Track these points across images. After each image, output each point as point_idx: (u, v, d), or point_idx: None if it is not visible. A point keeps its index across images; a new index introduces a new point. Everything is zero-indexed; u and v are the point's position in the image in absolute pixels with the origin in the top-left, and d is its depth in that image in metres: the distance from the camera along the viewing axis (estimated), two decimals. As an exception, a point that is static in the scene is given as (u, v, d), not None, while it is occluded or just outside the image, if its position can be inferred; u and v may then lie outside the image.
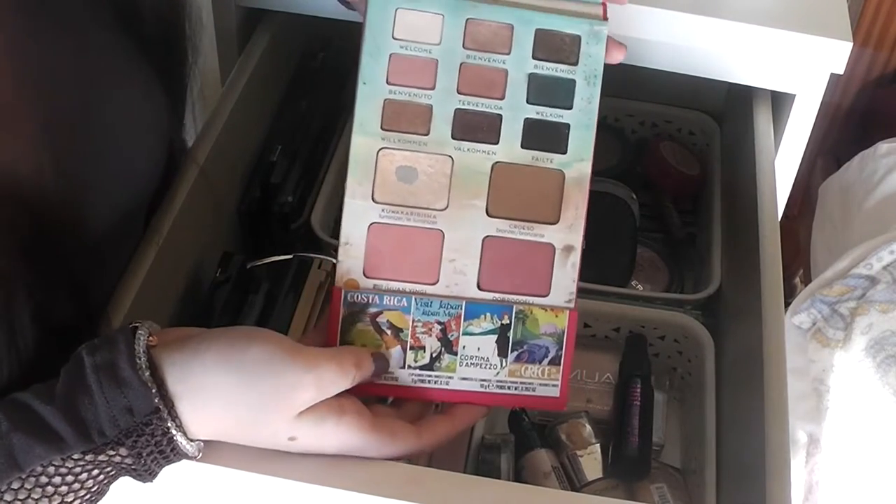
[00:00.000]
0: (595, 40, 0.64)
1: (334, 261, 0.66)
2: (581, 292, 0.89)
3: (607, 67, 0.64)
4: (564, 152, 0.63)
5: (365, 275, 0.61)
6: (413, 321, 0.62)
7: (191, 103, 0.76)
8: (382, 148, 0.62)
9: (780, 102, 0.91)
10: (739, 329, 0.78)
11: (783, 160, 0.93)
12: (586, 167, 0.63)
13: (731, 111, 1.06)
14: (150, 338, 0.54)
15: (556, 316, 0.63)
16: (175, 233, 0.71)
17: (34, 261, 0.53)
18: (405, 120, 0.62)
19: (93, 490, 0.53)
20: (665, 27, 0.86)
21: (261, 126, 0.93)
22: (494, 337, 0.62)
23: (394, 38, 0.62)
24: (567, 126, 0.63)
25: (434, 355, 0.62)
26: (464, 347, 0.62)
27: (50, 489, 0.51)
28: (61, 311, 0.57)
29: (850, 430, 1.21)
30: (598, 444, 0.82)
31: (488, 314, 0.63)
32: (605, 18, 0.64)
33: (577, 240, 0.63)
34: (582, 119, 0.64)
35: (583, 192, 0.63)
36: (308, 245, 0.87)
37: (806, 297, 1.31)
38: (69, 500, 0.52)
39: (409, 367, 0.62)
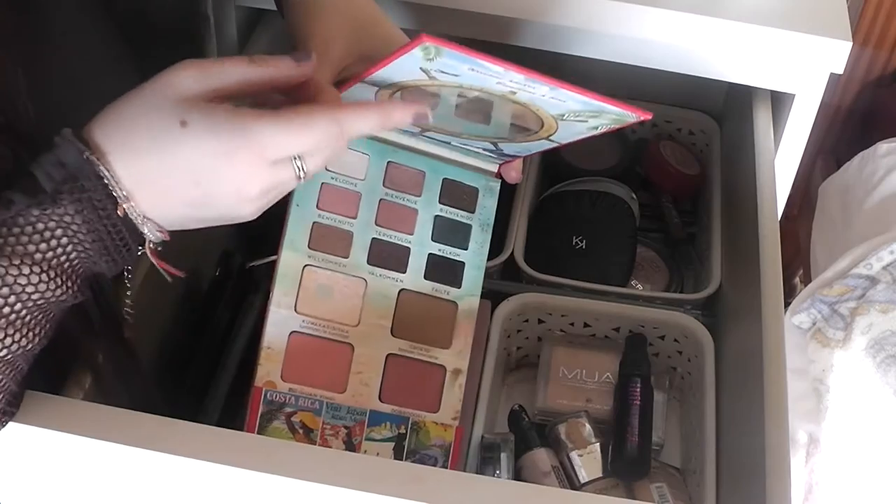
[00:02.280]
0: (489, 194, 0.76)
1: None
2: (581, 292, 0.90)
3: (606, 66, 0.65)
4: (459, 286, 0.74)
5: (282, 378, 0.69)
6: (323, 423, 0.69)
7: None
8: (308, 265, 0.71)
9: (779, 102, 0.91)
10: (739, 329, 0.79)
11: (783, 160, 0.93)
12: (475, 301, 0.75)
13: (731, 111, 1.06)
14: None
15: (445, 430, 0.72)
16: (174, 232, 0.71)
17: None
18: (329, 242, 0.72)
19: (56, 272, 0.53)
20: (665, 27, 0.86)
21: (261, 126, 0.93)
22: (392, 444, 0.70)
23: (327, 169, 0.72)
24: (463, 264, 0.75)
25: None
26: (365, 452, 0.69)
27: (37, 237, 0.52)
28: None
29: (850, 430, 1.21)
30: (598, 444, 0.82)
31: (388, 423, 0.70)
32: (498, 177, 0.75)
33: (464, 364, 0.73)
34: (475, 259, 0.75)
35: (471, 323, 0.74)
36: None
37: (806, 297, 1.31)
38: (34, 280, 0.53)
39: None
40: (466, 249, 0.75)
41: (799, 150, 0.93)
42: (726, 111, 1.09)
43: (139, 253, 0.57)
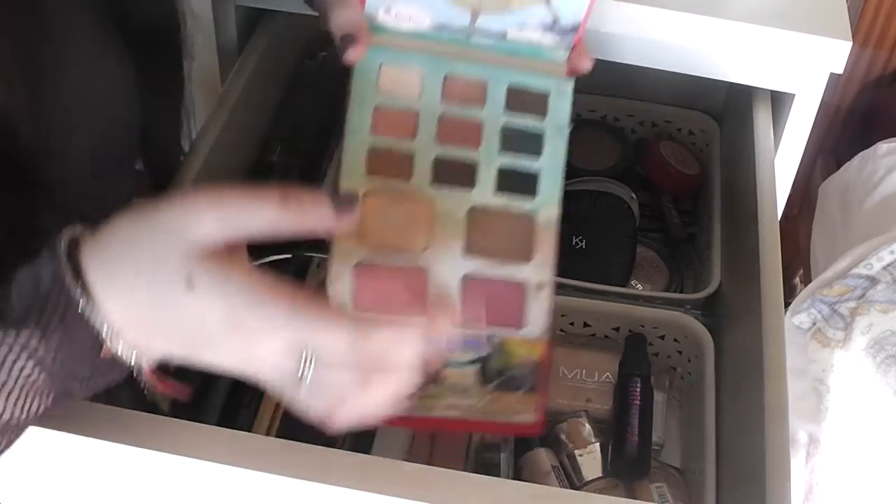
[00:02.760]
0: (562, 96, 0.69)
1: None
2: (581, 292, 0.90)
3: (606, 66, 0.65)
4: (534, 197, 0.68)
5: (354, 310, 0.64)
6: None
7: (190, 103, 0.77)
8: (367, 192, 0.66)
9: (779, 102, 0.91)
10: (739, 329, 0.79)
11: (783, 160, 0.93)
12: (554, 210, 0.68)
13: (731, 111, 1.06)
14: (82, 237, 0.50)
15: (532, 347, 0.66)
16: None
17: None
18: (388, 166, 0.66)
19: (17, 397, 0.49)
20: (665, 27, 0.86)
21: (261, 126, 0.93)
22: (476, 367, 0.65)
23: (378, 91, 0.67)
24: (537, 173, 0.68)
25: (419, 384, 0.61)
26: (448, 377, 0.65)
27: None
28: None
29: (850, 430, 1.21)
30: (598, 444, 0.82)
31: (469, 346, 0.65)
32: (569, 76, 0.69)
33: (548, 276, 0.67)
34: (550, 167, 0.68)
35: (551, 234, 0.67)
36: (308, 245, 0.87)
37: (806, 297, 1.31)
38: None
39: None
40: (540, 156, 0.68)
41: (799, 150, 0.93)
42: (726, 111, 1.09)
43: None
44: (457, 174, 0.67)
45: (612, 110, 1.13)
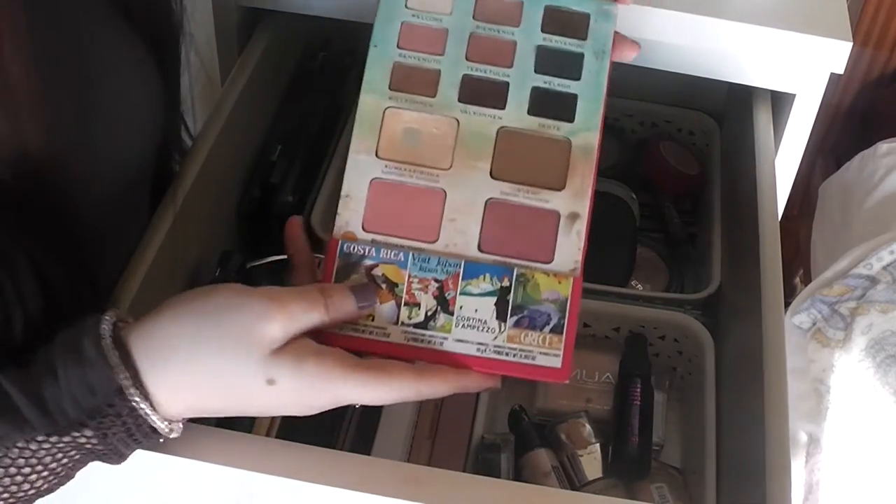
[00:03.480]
0: (604, 18, 0.65)
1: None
2: (581, 292, 0.89)
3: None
4: (571, 121, 0.63)
5: (363, 228, 0.61)
6: (409, 276, 0.60)
7: (191, 103, 0.77)
8: (389, 107, 0.63)
9: (780, 102, 0.91)
10: (739, 329, 0.78)
11: (783, 160, 0.93)
12: (593, 137, 0.63)
13: (731, 111, 1.06)
14: (121, 321, 0.53)
15: (560, 282, 0.61)
16: (174, 232, 0.71)
17: (33, 233, 0.54)
18: (413, 82, 0.63)
19: (59, 473, 0.52)
20: (665, 27, 0.86)
21: (261, 126, 0.93)
22: (493, 299, 0.60)
23: (406, 7, 0.64)
24: (575, 96, 0.64)
25: (429, 313, 0.59)
26: (461, 308, 0.60)
27: (13, 470, 0.50)
28: (61, 288, 0.56)
29: (850, 430, 1.21)
30: (598, 444, 0.82)
31: (488, 275, 0.61)
32: (616, 1, 0.65)
33: (584, 208, 0.62)
34: (590, 91, 0.64)
35: (590, 162, 0.63)
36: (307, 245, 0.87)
37: (806, 297, 1.31)
38: (32, 479, 0.51)
39: (403, 323, 0.59)
40: (579, 80, 0.64)
41: (799, 150, 0.93)
42: (726, 111, 1.09)
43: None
44: (486, 94, 0.63)
45: (612, 110, 1.13)
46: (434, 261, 0.60)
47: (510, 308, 0.60)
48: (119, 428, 0.51)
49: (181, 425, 0.54)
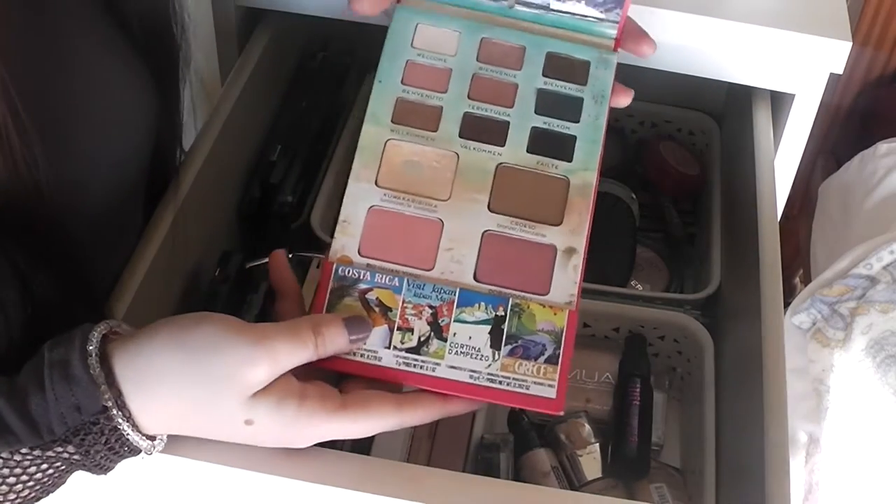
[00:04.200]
0: (604, 66, 0.67)
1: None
2: (581, 292, 0.89)
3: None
4: (570, 160, 0.64)
5: (360, 253, 0.61)
6: (403, 301, 0.60)
7: (191, 103, 0.77)
8: (391, 139, 0.63)
9: (779, 102, 0.91)
10: (739, 329, 0.78)
11: (783, 160, 0.93)
12: (591, 177, 0.64)
13: (731, 111, 1.06)
14: (112, 333, 0.53)
15: (555, 314, 0.61)
16: (174, 232, 0.71)
17: (17, 241, 0.54)
18: (415, 117, 0.64)
19: (44, 483, 0.52)
20: (665, 27, 0.86)
21: (261, 126, 0.93)
22: (488, 328, 0.60)
23: (412, 46, 0.66)
24: (574, 137, 0.65)
25: (422, 339, 0.59)
26: (454, 334, 0.59)
27: None
28: (49, 295, 0.56)
29: (850, 430, 1.21)
30: (598, 444, 0.82)
31: (483, 303, 0.60)
32: (616, 51, 0.67)
33: (581, 244, 0.62)
34: (589, 133, 0.65)
35: (587, 201, 0.63)
36: (307, 245, 0.87)
37: (806, 297, 1.31)
38: (17, 489, 0.51)
39: (395, 347, 0.59)
40: (578, 122, 0.65)
41: (799, 150, 0.93)
42: (726, 111, 1.09)
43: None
44: (487, 131, 0.64)
45: (612, 110, 1.13)
46: (429, 287, 0.60)
47: (504, 337, 0.60)
48: (101, 445, 0.52)
49: (163, 442, 0.54)
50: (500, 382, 0.59)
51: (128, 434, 0.52)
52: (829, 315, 1.27)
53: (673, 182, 1.08)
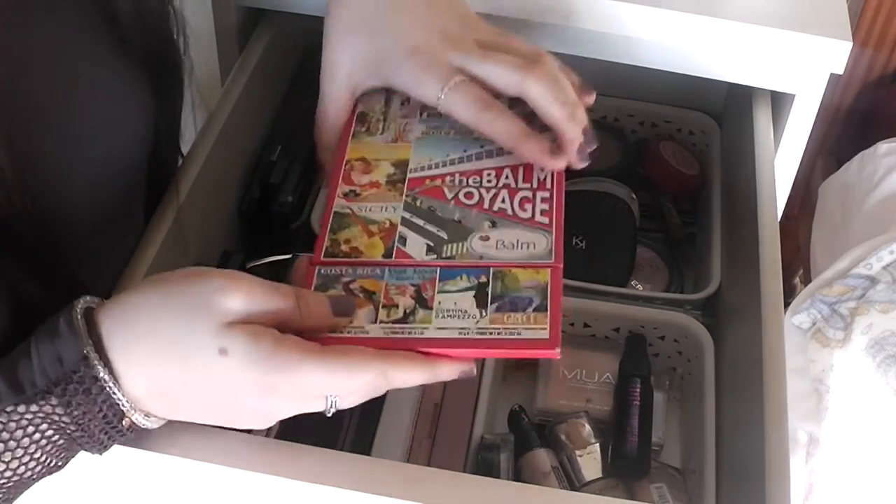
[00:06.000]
0: None
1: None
2: (581, 292, 0.89)
3: (607, 66, 0.65)
4: None
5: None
6: (386, 285, 0.60)
7: (191, 103, 0.77)
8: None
9: (779, 102, 0.91)
10: (739, 329, 0.79)
11: (783, 160, 0.93)
12: None
13: (731, 111, 1.06)
14: (98, 302, 0.54)
15: (538, 272, 0.60)
16: (174, 232, 0.71)
17: (6, 247, 0.54)
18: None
19: (38, 458, 0.52)
20: (665, 27, 0.86)
21: (261, 126, 0.93)
22: (472, 293, 0.59)
23: None
24: None
25: (407, 311, 0.59)
26: (439, 303, 0.59)
27: None
28: (33, 294, 0.56)
29: (850, 430, 1.21)
30: (598, 444, 0.82)
31: (465, 275, 0.60)
32: None
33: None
34: None
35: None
36: (308, 245, 0.87)
37: (806, 297, 1.31)
38: (13, 465, 0.51)
39: (381, 322, 0.58)
40: None
41: (799, 150, 0.93)
42: (726, 111, 1.09)
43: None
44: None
45: (612, 110, 1.13)
46: (410, 271, 0.61)
47: (490, 297, 0.59)
48: (83, 398, 0.51)
49: (155, 419, 0.54)
50: (491, 333, 0.57)
51: (108, 385, 0.51)
52: (829, 315, 1.28)
53: (673, 182, 1.08)
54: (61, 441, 0.53)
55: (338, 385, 0.53)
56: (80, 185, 0.61)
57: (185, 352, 0.51)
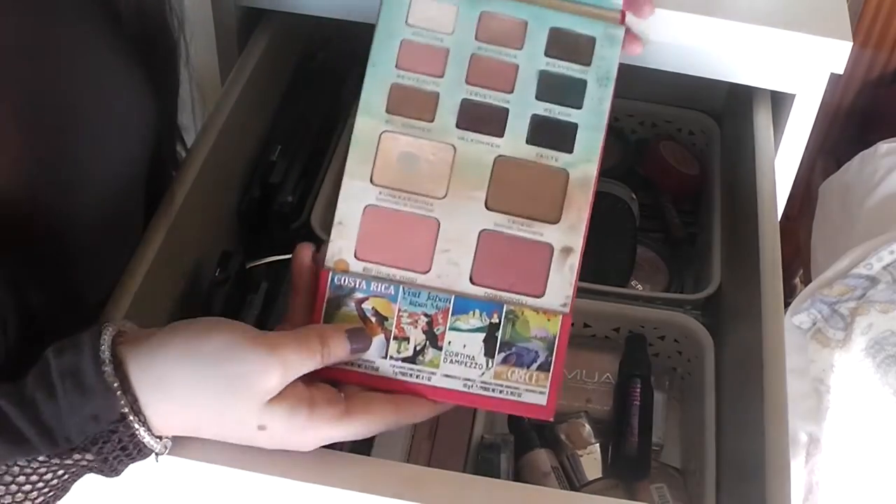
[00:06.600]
0: (610, 43, 0.64)
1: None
2: (581, 292, 0.89)
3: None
4: (570, 152, 0.63)
5: (356, 256, 0.61)
6: (399, 311, 0.60)
7: (190, 103, 0.77)
8: (385, 131, 0.62)
9: (780, 102, 0.91)
10: (739, 329, 0.78)
11: (783, 160, 0.93)
12: (592, 169, 0.63)
13: (731, 111, 1.06)
14: (119, 336, 0.54)
15: (549, 320, 0.61)
16: (174, 232, 0.71)
17: (10, 250, 0.54)
18: (411, 105, 0.62)
19: (56, 487, 0.53)
20: (666, 27, 0.86)
21: (261, 126, 0.93)
22: (482, 335, 0.61)
23: (407, 24, 0.62)
24: (575, 126, 0.63)
25: (418, 348, 0.60)
26: (449, 343, 0.60)
27: (14, 487, 0.51)
28: (41, 300, 0.57)
29: (850, 430, 1.21)
30: (598, 444, 0.82)
31: (477, 311, 0.61)
32: (622, 23, 0.64)
33: (578, 242, 0.62)
34: (591, 120, 0.63)
35: (586, 195, 0.62)
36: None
37: (806, 297, 1.31)
38: (32, 496, 0.52)
39: (391, 357, 0.60)
40: (580, 108, 0.63)
41: (799, 150, 0.93)
42: (726, 111, 1.09)
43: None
44: (485, 120, 0.62)
45: (613, 110, 1.13)
46: (424, 295, 0.61)
47: (498, 345, 0.61)
48: (118, 451, 0.52)
49: (170, 441, 0.55)
50: (493, 390, 0.61)
51: (144, 439, 0.53)
52: (829, 315, 1.28)
53: (673, 182, 1.08)
54: (83, 473, 0.54)
55: (357, 435, 0.56)
56: (83, 185, 0.61)
57: (222, 424, 0.54)
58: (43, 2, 0.59)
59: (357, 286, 0.61)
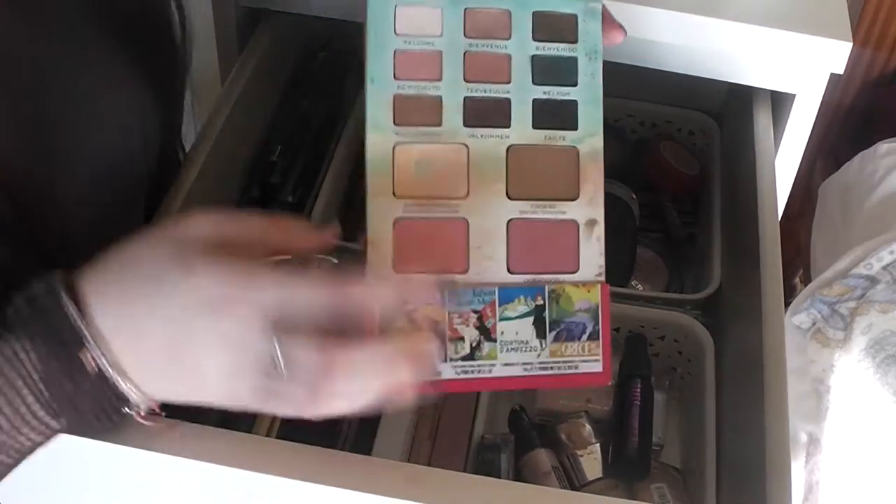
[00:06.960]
0: (591, 17, 0.66)
1: (333, 260, 0.66)
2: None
3: (606, 66, 0.65)
4: (575, 128, 0.64)
5: (394, 269, 0.61)
6: (449, 314, 0.61)
7: (191, 103, 0.77)
8: (398, 143, 0.62)
9: (780, 102, 0.91)
10: (739, 329, 0.79)
11: (783, 160, 0.93)
12: (598, 141, 0.65)
13: (731, 111, 1.06)
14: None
15: (588, 291, 0.63)
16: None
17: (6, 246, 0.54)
18: (417, 113, 0.63)
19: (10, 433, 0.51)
20: (665, 27, 0.86)
21: (261, 126, 0.93)
22: (531, 319, 0.62)
23: (396, 34, 0.63)
24: (575, 103, 0.65)
25: (473, 345, 0.61)
26: (502, 333, 0.62)
27: None
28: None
29: (850, 430, 1.21)
30: (598, 444, 0.82)
31: (522, 297, 0.62)
32: None
33: (599, 213, 0.64)
34: (588, 94, 0.65)
35: (598, 166, 0.64)
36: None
37: (806, 297, 1.31)
38: None
39: (451, 359, 0.61)
40: (576, 85, 0.65)
41: (799, 150, 0.93)
42: (726, 111, 1.09)
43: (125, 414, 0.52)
44: (490, 113, 0.64)
45: (612, 110, 1.13)
46: (469, 293, 0.62)
47: (548, 324, 0.62)
48: (45, 330, 0.49)
49: (144, 400, 0.52)
50: (552, 368, 0.62)
51: (70, 310, 0.49)
52: (829, 315, 1.28)
53: (673, 182, 1.08)
54: (32, 399, 0.50)
55: (292, 301, 0.50)
56: (82, 184, 0.61)
57: (151, 272, 0.50)
58: (43, 2, 0.59)
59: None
